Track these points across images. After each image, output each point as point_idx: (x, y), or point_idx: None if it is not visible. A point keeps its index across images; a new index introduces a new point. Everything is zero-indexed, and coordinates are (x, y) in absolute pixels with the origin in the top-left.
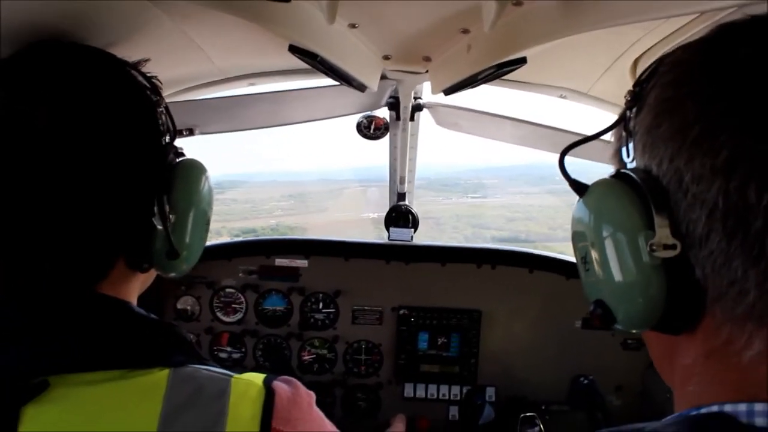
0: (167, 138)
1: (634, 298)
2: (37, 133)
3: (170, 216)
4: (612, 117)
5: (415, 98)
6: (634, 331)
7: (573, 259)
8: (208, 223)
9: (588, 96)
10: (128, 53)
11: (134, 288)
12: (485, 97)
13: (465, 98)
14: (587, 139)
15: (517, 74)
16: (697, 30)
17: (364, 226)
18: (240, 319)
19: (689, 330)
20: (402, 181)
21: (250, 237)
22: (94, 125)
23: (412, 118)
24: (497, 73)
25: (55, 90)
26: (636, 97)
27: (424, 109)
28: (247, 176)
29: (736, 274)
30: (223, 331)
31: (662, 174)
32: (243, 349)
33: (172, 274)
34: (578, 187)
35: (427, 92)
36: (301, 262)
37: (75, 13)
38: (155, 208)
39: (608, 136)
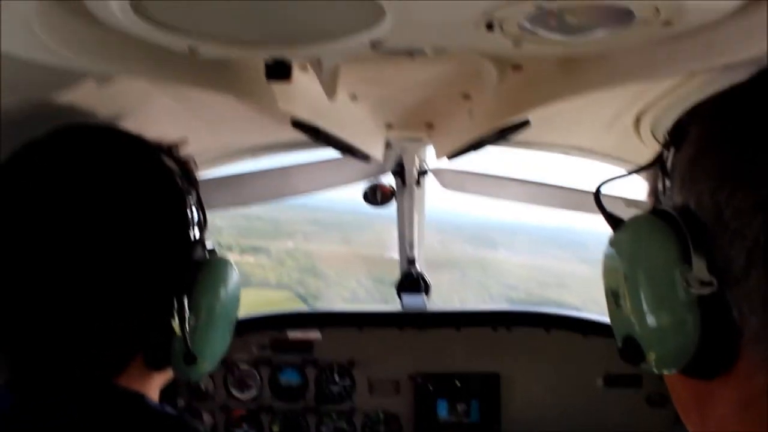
0: (196, 230)
1: (667, 335)
2: (59, 219)
3: (190, 318)
4: (618, 172)
5: (420, 162)
6: (663, 372)
7: (589, 316)
8: (231, 325)
9: (593, 152)
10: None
11: (154, 383)
12: (491, 154)
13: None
14: (623, 176)
15: (520, 135)
16: (698, 82)
17: (385, 266)
18: (255, 395)
19: (721, 374)
20: (411, 247)
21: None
22: (117, 215)
23: (418, 183)
24: (500, 136)
25: (79, 174)
26: (674, 138)
27: (429, 173)
28: None
29: None
30: (237, 408)
31: (701, 210)
32: (260, 427)
33: (191, 378)
34: (613, 222)
35: (431, 156)
36: (314, 334)
37: (72, 93)
38: (174, 309)
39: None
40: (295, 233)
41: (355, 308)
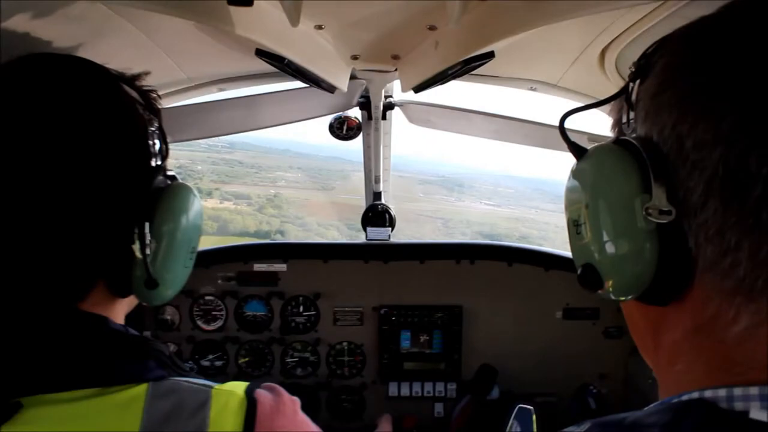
0: (158, 159)
1: (625, 262)
2: (19, 146)
3: (151, 244)
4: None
5: (386, 97)
6: (620, 298)
7: (552, 251)
8: (194, 251)
9: (558, 87)
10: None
11: (118, 308)
12: (459, 91)
13: (438, 94)
14: (589, 107)
15: (486, 68)
16: (663, 17)
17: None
18: (221, 326)
19: (676, 301)
20: (377, 180)
21: (227, 245)
22: (76, 143)
23: (384, 117)
24: (465, 68)
25: (39, 103)
26: (641, 69)
27: (396, 107)
28: (261, 141)
29: (729, 244)
30: (204, 339)
31: (663, 141)
32: (225, 357)
33: (153, 303)
34: (577, 151)
35: (397, 90)
36: (280, 267)
37: (32, 20)
38: (135, 235)
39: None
40: (278, 179)
41: (320, 241)
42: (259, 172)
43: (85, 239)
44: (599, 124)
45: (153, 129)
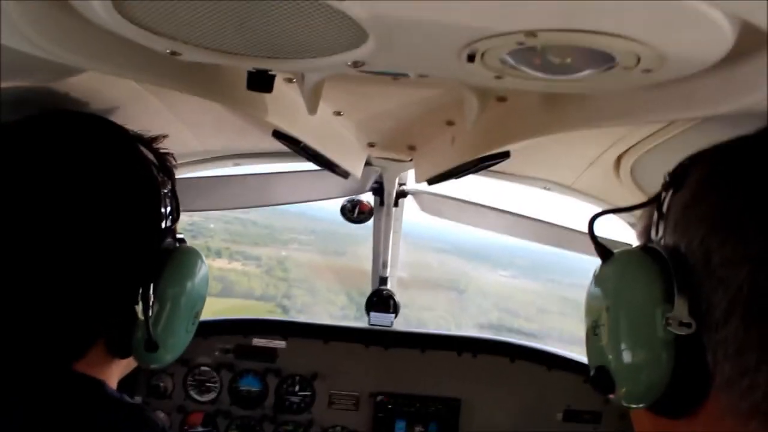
0: (168, 221)
1: (640, 369)
2: (28, 199)
3: (154, 306)
4: (595, 210)
5: (400, 184)
6: (630, 406)
7: (555, 351)
8: (197, 317)
9: (571, 189)
10: None
11: (114, 370)
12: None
13: (452, 184)
14: (619, 210)
15: (501, 166)
16: (679, 131)
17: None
18: (214, 398)
19: (688, 415)
20: (385, 266)
21: (228, 317)
22: (89, 199)
23: (396, 204)
24: (480, 166)
25: (52, 158)
26: (675, 179)
27: (408, 195)
28: None
29: (748, 365)
30: (195, 410)
31: (690, 253)
32: (215, 431)
33: (152, 366)
34: (603, 253)
35: (411, 178)
36: (279, 343)
37: (56, 84)
38: (138, 296)
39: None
40: (290, 242)
41: (321, 321)
42: (272, 233)
43: (89, 296)
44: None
45: (166, 191)
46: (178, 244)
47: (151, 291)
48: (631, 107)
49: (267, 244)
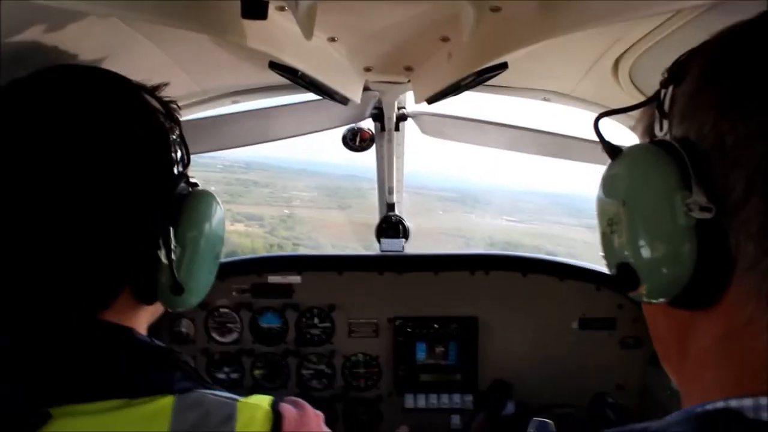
0: (179, 167)
1: (665, 260)
2: (44, 154)
3: (176, 249)
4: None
5: (399, 108)
6: (654, 301)
7: (566, 261)
8: (218, 257)
9: (571, 97)
10: None
11: (142, 318)
12: (473, 102)
13: (452, 105)
14: (622, 110)
15: (499, 79)
16: (675, 27)
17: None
18: (236, 339)
19: (712, 304)
20: (391, 192)
21: (242, 257)
22: (101, 150)
23: (397, 128)
24: (479, 79)
25: (65, 112)
26: (674, 75)
27: (409, 119)
28: (278, 160)
29: None
30: (219, 351)
31: (701, 139)
32: (241, 369)
33: (179, 309)
34: (612, 150)
35: (410, 101)
36: (294, 279)
37: (50, 36)
38: (160, 241)
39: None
40: (293, 199)
41: (335, 252)
42: (273, 192)
43: (111, 246)
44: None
45: (174, 137)
46: (192, 189)
47: (172, 235)
48: (628, 1)
49: (269, 203)
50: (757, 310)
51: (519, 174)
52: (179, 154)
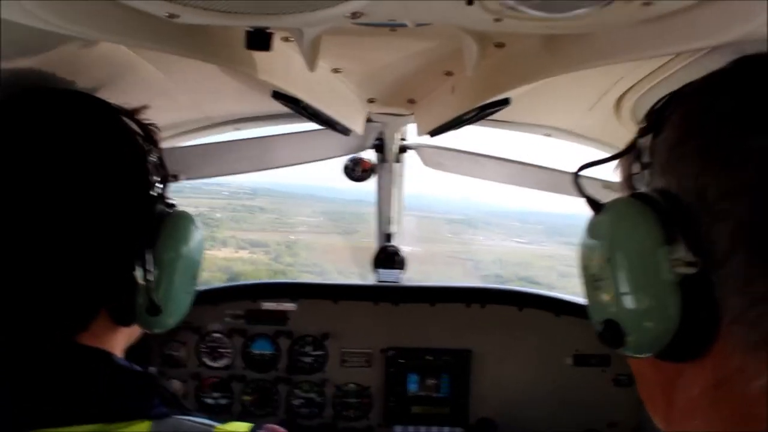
0: (157, 188)
1: (649, 318)
2: (20, 178)
3: (153, 271)
4: (598, 153)
5: (401, 139)
6: (640, 356)
7: (562, 296)
8: (195, 278)
9: (573, 134)
10: (111, 101)
11: (119, 340)
12: (475, 135)
13: (453, 137)
14: (602, 161)
15: (501, 114)
16: (679, 67)
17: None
18: (227, 364)
19: (699, 356)
20: (389, 222)
21: (236, 283)
22: (78, 173)
23: (397, 160)
24: (481, 114)
25: (41, 136)
26: (653, 124)
27: (410, 150)
28: (285, 186)
29: (755, 296)
30: (209, 376)
31: (684, 192)
32: (230, 395)
33: (155, 330)
34: (593, 205)
35: (412, 133)
36: (289, 306)
37: (56, 59)
38: (137, 262)
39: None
40: (299, 225)
41: (330, 281)
42: (279, 218)
43: (88, 266)
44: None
45: (153, 159)
46: (170, 210)
47: (149, 256)
48: (631, 43)
49: (275, 230)
50: (745, 361)
51: (524, 196)
52: (157, 176)
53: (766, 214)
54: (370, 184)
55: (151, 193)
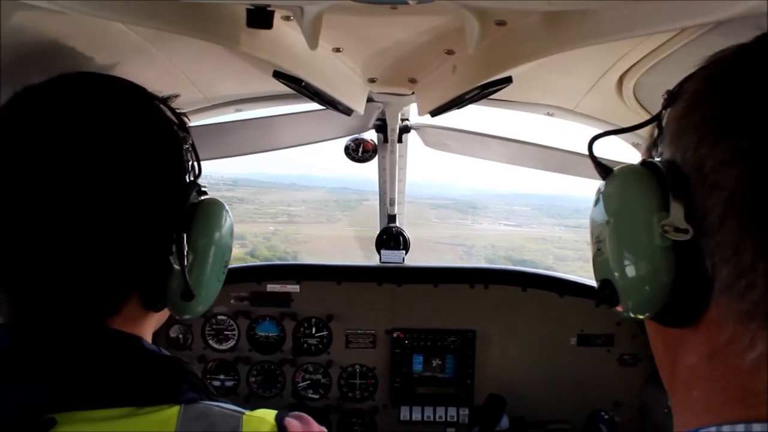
0: (191, 176)
1: (641, 279)
2: (60, 160)
3: (188, 256)
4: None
5: (402, 120)
6: (638, 316)
7: (566, 276)
8: (226, 266)
9: (575, 113)
10: None
11: (148, 325)
12: (476, 115)
13: (454, 118)
14: (621, 131)
15: (503, 93)
16: (680, 45)
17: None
18: (233, 346)
19: (692, 323)
20: (392, 203)
21: (240, 265)
22: (117, 158)
23: (399, 140)
24: (483, 93)
25: (80, 120)
26: (673, 97)
27: (412, 131)
28: (267, 176)
29: (745, 265)
30: (215, 359)
31: (684, 162)
32: (236, 377)
33: (186, 316)
34: (603, 170)
35: (414, 113)
36: (293, 288)
37: (54, 39)
38: (173, 247)
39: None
40: (280, 215)
41: (334, 262)
42: (259, 209)
43: (122, 251)
44: (615, 151)
45: (187, 146)
46: (203, 197)
47: (185, 241)
48: (633, 19)
49: (254, 221)
50: (737, 331)
51: (509, 178)
52: (191, 163)
53: (758, 184)
54: (354, 171)
55: (186, 179)
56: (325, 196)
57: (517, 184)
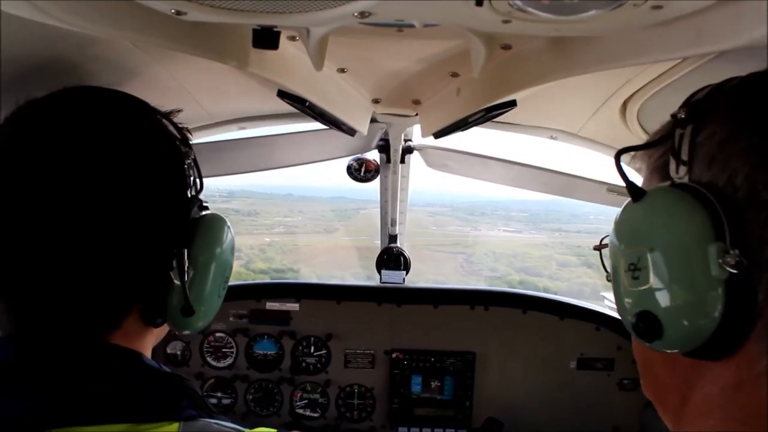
0: (192, 191)
1: (692, 312)
2: (62, 173)
3: (188, 271)
4: (601, 156)
5: (406, 140)
6: (673, 351)
7: (566, 300)
8: (227, 281)
9: (578, 137)
10: None
11: (148, 340)
12: (478, 136)
13: (456, 139)
14: (644, 147)
15: (507, 116)
16: (685, 72)
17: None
18: (230, 364)
19: (728, 356)
20: (393, 223)
21: (240, 282)
22: (119, 172)
23: (402, 161)
24: (487, 116)
25: (82, 133)
26: (695, 114)
27: (415, 151)
28: (263, 188)
29: None
30: (213, 376)
31: (733, 189)
32: (233, 395)
33: (185, 332)
34: (635, 191)
35: (417, 134)
36: (292, 306)
37: (61, 56)
38: (174, 262)
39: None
40: (276, 225)
41: (334, 282)
42: (255, 220)
43: (123, 265)
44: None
45: (189, 161)
46: (205, 212)
47: (186, 257)
48: (639, 46)
49: (250, 232)
50: None
51: (507, 186)
52: (193, 178)
53: None
54: (351, 181)
55: (188, 194)
56: (321, 207)
57: (514, 191)
